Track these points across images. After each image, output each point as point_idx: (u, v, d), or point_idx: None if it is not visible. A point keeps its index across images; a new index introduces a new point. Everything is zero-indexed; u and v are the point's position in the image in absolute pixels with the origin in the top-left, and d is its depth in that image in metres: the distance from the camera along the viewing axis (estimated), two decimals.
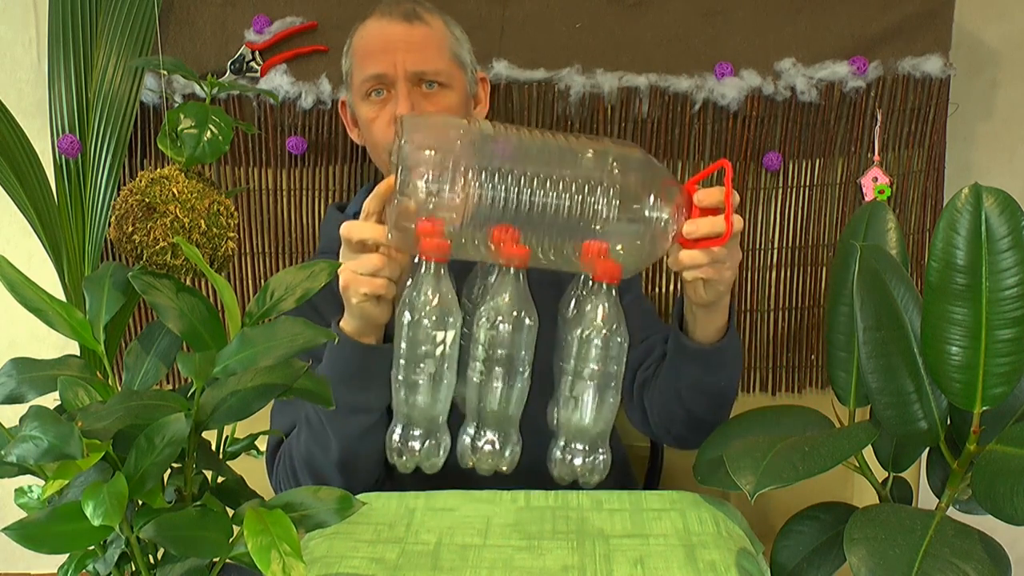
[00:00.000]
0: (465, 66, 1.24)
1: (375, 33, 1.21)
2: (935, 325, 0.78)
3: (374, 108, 1.20)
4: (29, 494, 0.76)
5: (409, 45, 1.19)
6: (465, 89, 1.24)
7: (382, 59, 1.18)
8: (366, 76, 1.20)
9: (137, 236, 0.83)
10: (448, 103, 1.21)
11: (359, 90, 1.21)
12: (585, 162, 0.85)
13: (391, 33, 1.20)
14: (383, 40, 1.20)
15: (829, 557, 0.89)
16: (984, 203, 0.76)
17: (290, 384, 0.70)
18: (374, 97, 1.20)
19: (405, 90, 1.18)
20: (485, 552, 0.82)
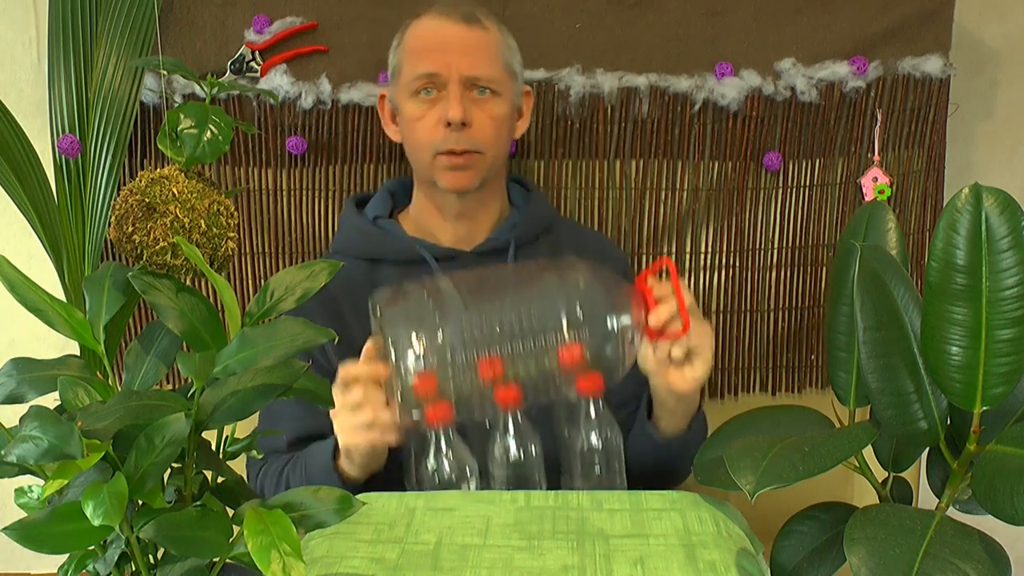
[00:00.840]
0: (516, 77, 1.23)
1: (431, 31, 1.19)
2: (935, 325, 0.78)
3: (422, 107, 1.18)
4: (29, 494, 0.76)
5: (465, 48, 1.17)
6: (513, 100, 1.23)
7: (437, 58, 1.17)
8: (418, 74, 1.18)
9: (137, 236, 0.84)
10: (498, 111, 1.20)
11: (408, 87, 1.19)
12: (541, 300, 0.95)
13: (448, 33, 1.18)
14: (439, 39, 1.18)
15: (829, 557, 0.89)
16: (984, 203, 0.76)
17: (290, 384, 0.70)
18: (423, 96, 1.18)
19: (458, 92, 1.16)
20: (485, 552, 0.82)
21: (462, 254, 1.24)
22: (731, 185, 1.45)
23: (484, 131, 1.18)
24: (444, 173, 1.19)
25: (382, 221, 1.27)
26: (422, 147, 1.20)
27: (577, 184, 1.45)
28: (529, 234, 1.27)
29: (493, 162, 1.22)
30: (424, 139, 1.19)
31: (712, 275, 1.48)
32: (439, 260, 1.22)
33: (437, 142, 1.18)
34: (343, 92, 1.38)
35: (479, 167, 1.20)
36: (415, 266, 1.22)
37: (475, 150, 1.18)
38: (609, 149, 1.44)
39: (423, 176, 1.24)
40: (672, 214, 1.46)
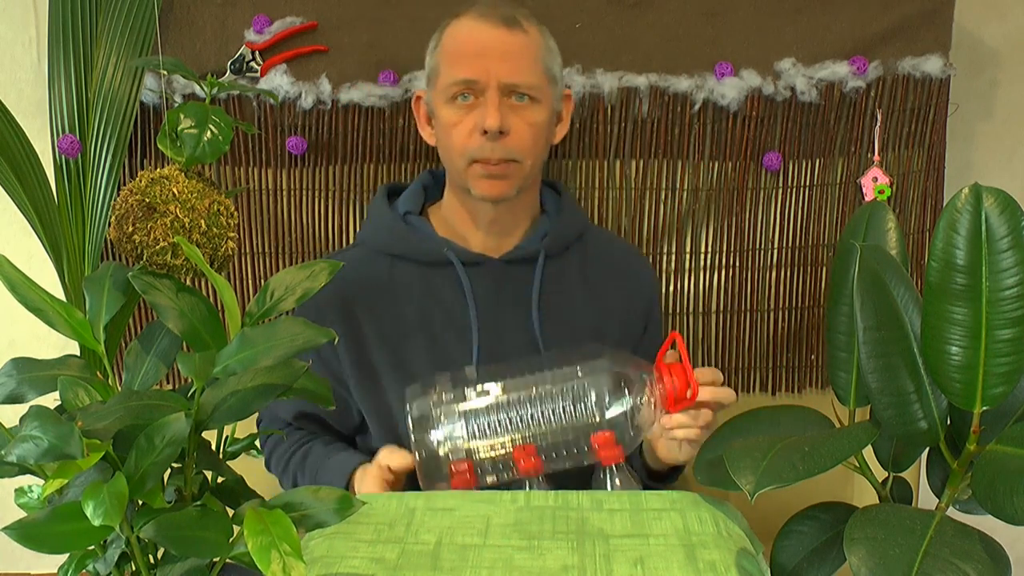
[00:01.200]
0: (556, 82, 1.20)
1: (470, 35, 1.15)
2: (935, 325, 0.78)
3: (458, 112, 1.15)
4: (29, 494, 0.76)
5: (505, 54, 1.13)
6: (552, 105, 1.19)
7: (475, 64, 1.13)
8: (455, 80, 1.13)
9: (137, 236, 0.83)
10: (536, 118, 1.15)
11: (444, 92, 1.15)
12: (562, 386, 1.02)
13: (488, 38, 1.14)
14: (478, 44, 1.14)
15: (829, 557, 0.89)
16: (984, 203, 0.76)
17: (290, 384, 0.70)
18: (459, 101, 1.14)
19: (496, 100, 1.12)
20: (485, 552, 0.82)
21: (489, 260, 1.21)
22: (731, 185, 1.45)
23: (522, 139, 1.14)
24: (479, 181, 1.16)
25: (412, 218, 1.24)
26: (457, 153, 1.16)
27: (577, 184, 1.45)
28: (559, 244, 1.24)
29: (531, 170, 1.18)
30: (459, 146, 1.15)
31: (712, 275, 1.48)
32: (466, 265, 1.20)
33: (473, 149, 1.14)
34: (343, 92, 1.38)
35: (516, 176, 1.16)
36: (439, 268, 1.20)
37: (512, 159, 1.14)
38: (609, 149, 1.44)
39: (456, 182, 1.20)
40: (672, 214, 1.46)
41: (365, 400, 1.19)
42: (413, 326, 1.19)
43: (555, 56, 1.20)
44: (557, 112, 1.22)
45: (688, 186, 1.45)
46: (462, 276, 1.19)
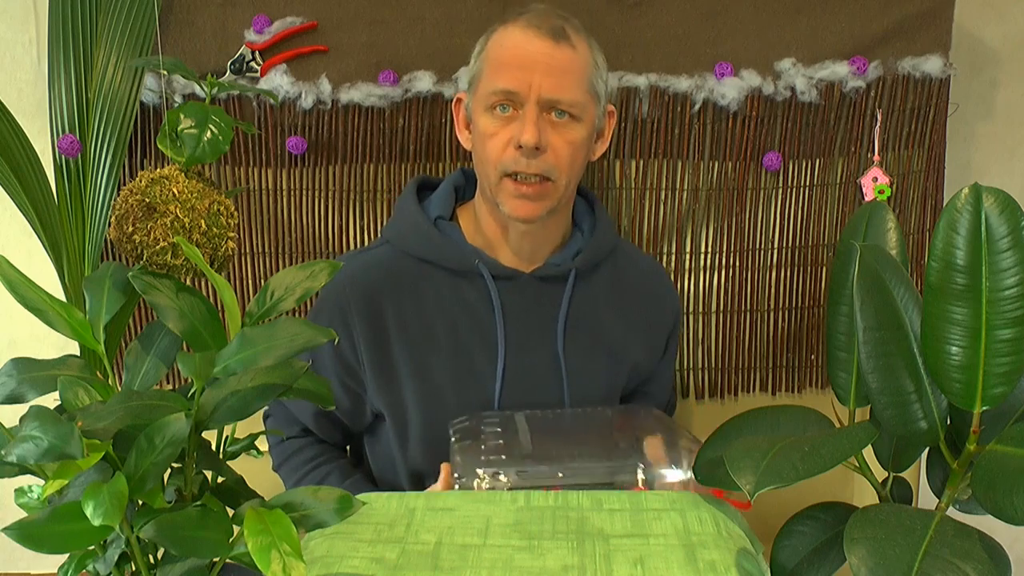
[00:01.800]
0: (599, 99, 1.16)
1: (516, 45, 1.11)
2: (935, 325, 0.78)
3: (496, 123, 1.12)
4: (29, 494, 0.76)
5: (550, 68, 1.10)
6: (594, 123, 1.16)
7: (518, 76, 1.09)
8: (496, 89, 1.11)
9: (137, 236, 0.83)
10: (574, 136, 1.13)
11: (484, 100, 1.12)
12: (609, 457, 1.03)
13: (534, 50, 1.10)
14: (523, 55, 1.10)
15: (829, 557, 0.89)
16: (984, 203, 0.76)
17: (290, 384, 0.70)
18: (498, 112, 1.11)
19: (534, 115, 1.09)
20: (485, 552, 0.82)
21: (520, 275, 1.19)
22: (731, 185, 1.45)
23: (558, 156, 1.12)
24: (510, 199, 1.13)
25: (443, 224, 1.21)
26: (490, 165, 1.13)
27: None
28: (591, 263, 1.22)
29: (565, 190, 1.15)
30: (494, 157, 1.12)
31: (712, 275, 1.48)
32: (496, 278, 1.18)
33: (507, 162, 1.11)
34: (343, 92, 1.38)
35: (550, 196, 1.14)
36: (469, 278, 1.19)
37: (546, 176, 1.12)
38: (609, 149, 1.44)
39: (487, 194, 1.17)
40: (672, 214, 1.46)
41: (381, 398, 1.18)
42: (439, 333, 1.18)
43: (602, 71, 1.17)
44: (599, 129, 1.19)
45: (688, 186, 1.45)
46: (492, 290, 1.17)
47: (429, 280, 1.18)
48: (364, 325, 1.17)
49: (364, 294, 1.17)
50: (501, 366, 1.17)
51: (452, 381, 1.17)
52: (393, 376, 1.18)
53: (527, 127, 1.09)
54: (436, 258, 1.18)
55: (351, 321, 1.17)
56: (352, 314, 1.17)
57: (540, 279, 1.20)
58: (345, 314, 1.17)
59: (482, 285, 1.18)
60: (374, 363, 1.17)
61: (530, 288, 1.19)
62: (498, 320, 1.17)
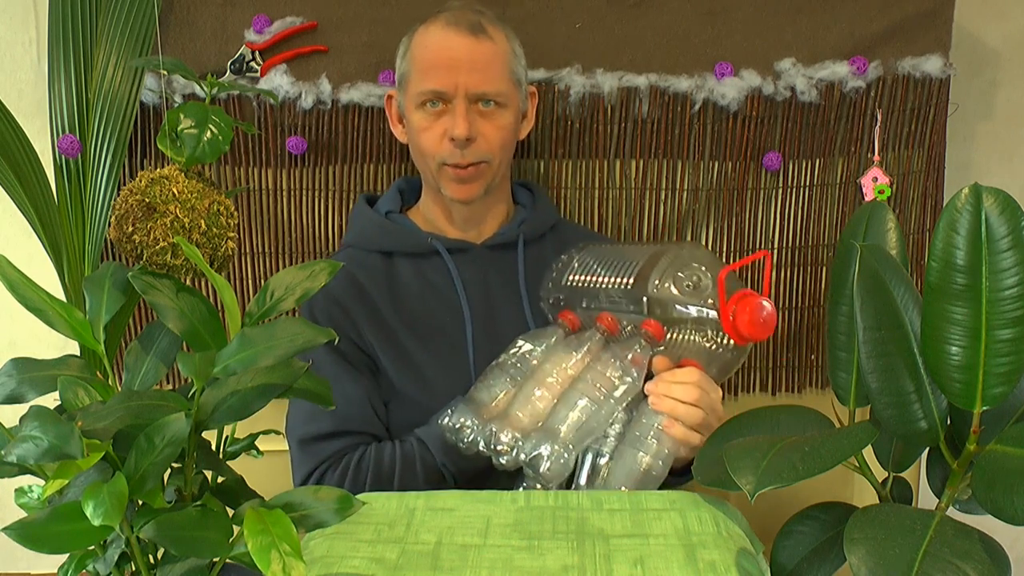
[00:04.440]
0: (521, 84, 1.26)
1: (439, 45, 1.20)
2: (935, 325, 0.78)
3: (427, 119, 1.21)
4: (29, 494, 0.76)
5: (472, 64, 1.18)
6: (518, 107, 1.25)
7: (444, 76, 1.18)
8: (424, 89, 1.20)
9: (137, 236, 0.83)
10: (503, 122, 1.22)
11: (415, 98, 1.22)
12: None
13: (456, 48, 1.19)
14: (447, 55, 1.19)
15: (829, 557, 0.89)
16: (984, 203, 0.76)
17: (290, 384, 0.70)
18: (429, 107, 1.21)
19: (463, 109, 1.18)
20: (485, 552, 0.82)
21: (472, 246, 1.27)
22: (731, 185, 1.45)
23: (490, 142, 1.22)
24: (450, 184, 1.23)
25: (394, 216, 1.30)
26: (428, 157, 1.22)
27: (577, 184, 1.45)
28: (536, 231, 1.30)
29: (499, 168, 1.25)
30: (430, 150, 1.22)
31: None
32: (451, 252, 1.26)
33: (444, 154, 1.21)
34: (343, 92, 1.38)
35: (485, 176, 1.23)
36: (429, 258, 1.26)
37: (480, 161, 1.21)
38: (609, 149, 1.44)
39: (429, 182, 1.28)
40: (672, 214, 1.46)
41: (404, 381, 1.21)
42: (411, 316, 1.23)
43: (520, 59, 1.26)
44: (523, 111, 1.29)
45: (688, 186, 1.45)
46: (449, 263, 1.25)
47: (393, 269, 1.26)
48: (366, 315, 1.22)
49: (334, 299, 1.21)
50: (470, 334, 1.23)
51: (432, 358, 1.22)
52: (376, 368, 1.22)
53: (458, 122, 1.18)
54: (396, 245, 1.26)
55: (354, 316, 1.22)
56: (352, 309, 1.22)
57: (491, 248, 1.28)
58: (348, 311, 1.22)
59: (440, 263, 1.26)
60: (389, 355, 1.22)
61: (483, 257, 1.27)
62: (460, 291, 1.24)
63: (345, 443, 1.16)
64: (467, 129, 1.18)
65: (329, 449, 1.16)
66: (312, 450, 1.16)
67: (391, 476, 1.14)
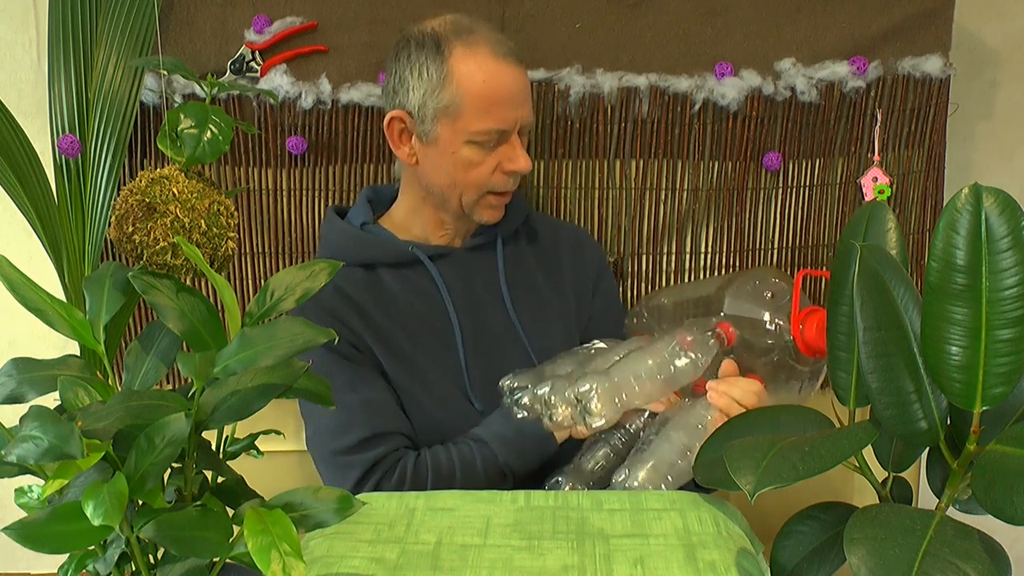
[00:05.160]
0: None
1: (498, 81, 1.17)
2: (935, 325, 0.78)
3: (481, 153, 1.19)
4: (29, 494, 0.76)
5: (524, 97, 1.20)
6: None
7: (507, 114, 1.18)
8: (488, 129, 1.17)
9: (137, 236, 0.83)
10: (526, 144, 1.24)
11: (468, 135, 1.17)
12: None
13: (512, 83, 1.18)
14: (507, 93, 1.18)
15: (829, 557, 0.89)
16: (984, 203, 0.76)
17: (290, 384, 0.70)
18: (485, 144, 1.19)
19: (521, 143, 1.20)
20: (485, 552, 0.82)
21: (453, 250, 1.28)
22: (731, 185, 1.45)
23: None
24: (487, 210, 1.24)
25: (370, 227, 1.29)
26: (472, 188, 1.21)
27: (577, 184, 1.45)
28: (510, 229, 1.31)
29: None
30: (479, 182, 1.21)
31: (712, 275, 1.48)
32: (433, 259, 1.26)
33: (496, 184, 1.21)
34: (343, 92, 1.38)
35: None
36: (411, 266, 1.25)
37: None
38: (609, 149, 1.44)
39: (451, 207, 1.24)
40: (672, 214, 1.46)
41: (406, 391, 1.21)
42: (401, 325, 1.23)
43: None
44: None
45: (688, 186, 1.45)
46: (432, 269, 1.25)
47: (376, 280, 1.24)
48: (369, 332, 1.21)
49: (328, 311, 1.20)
50: (459, 335, 1.23)
51: (427, 357, 1.22)
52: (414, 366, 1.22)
53: (521, 156, 1.20)
54: (375, 257, 1.25)
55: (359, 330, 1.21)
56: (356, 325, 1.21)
57: (470, 250, 1.28)
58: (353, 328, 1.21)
59: (422, 269, 1.25)
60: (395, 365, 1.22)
61: (464, 260, 1.28)
62: (445, 295, 1.24)
63: (386, 447, 1.15)
64: (530, 162, 1.20)
65: (372, 455, 1.14)
66: (352, 461, 1.14)
67: (451, 478, 1.13)
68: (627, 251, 1.46)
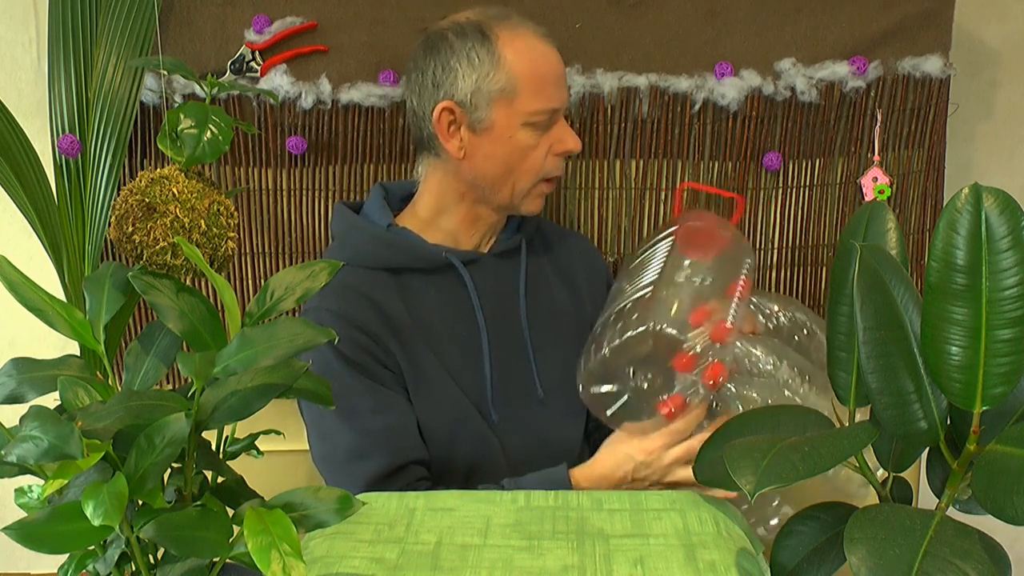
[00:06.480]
0: None
1: (547, 60, 1.18)
2: (935, 325, 0.78)
3: (536, 135, 1.18)
4: (29, 494, 0.76)
5: (564, 77, 1.22)
6: None
7: (559, 92, 1.19)
8: (544, 108, 1.17)
9: (137, 236, 0.83)
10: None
11: (525, 117, 1.16)
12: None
13: (557, 62, 1.19)
14: (556, 71, 1.19)
15: (829, 557, 0.89)
16: (984, 203, 0.76)
17: (290, 384, 0.70)
18: (540, 126, 1.18)
19: (567, 123, 1.21)
20: (485, 552, 0.82)
21: (481, 256, 1.26)
22: (731, 185, 1.45)
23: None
24: (536, 200, 1.23)
25: (395, 229, 1.24)
26: (529, 175, 1.20)
27: (577, 184, 1.45)
28: (531, 232, 1.30)
29: None
30: (536, 168, 1.19)
31: None
32: (464, 264, 1.23)
33: (550, 169, 1.21)
34: (343, 92, 1.38)
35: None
36: (442, 272, 1.22)
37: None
38: (609, 149, 1.44)
39: (498, 201, 1.22)
40: (672, 214, 1.46)
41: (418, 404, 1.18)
42: (431, 331, 1.20)
43: None
44: None
45: None
46: (465, 275, 1.22)
47: (404, 285, 1.20)
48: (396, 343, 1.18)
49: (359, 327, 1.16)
50: (487, 344, 1.21)
51: (452, 373, 1.20)
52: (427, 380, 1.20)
53: (571, 135, 1.20)
54: (405, 261, 1.21)
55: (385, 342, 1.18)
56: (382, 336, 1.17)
57: (497, 256, 1.27)
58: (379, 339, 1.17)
59: (453, 275, 1.22)
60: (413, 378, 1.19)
61: (491, 266, 1.26)
62: (475, 303, 1.22)
63: (408, 478, 1.14)
64: (580, 142, 1.20)
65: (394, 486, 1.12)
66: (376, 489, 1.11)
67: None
68: (627, 251, 1.46)
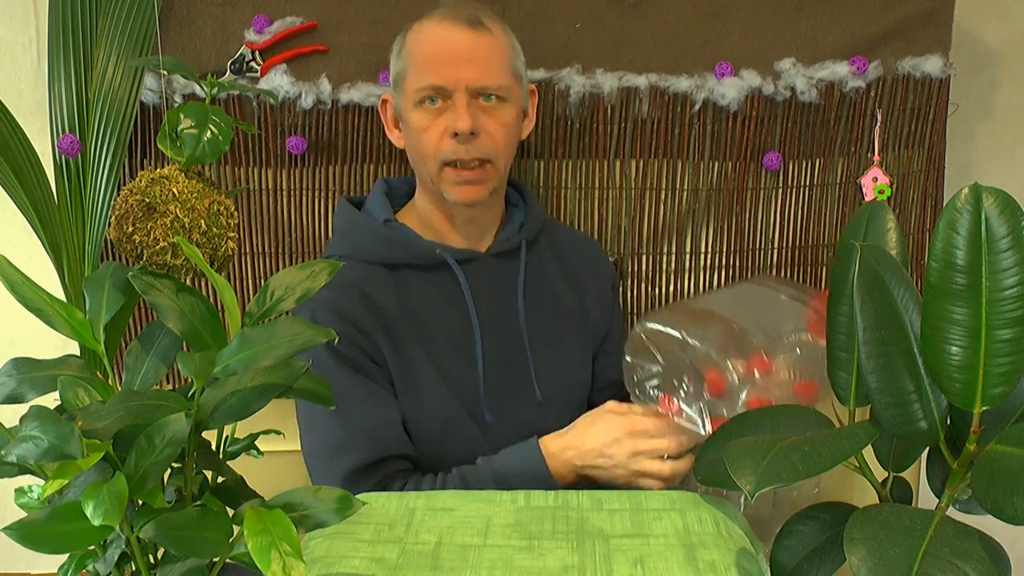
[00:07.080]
0: (522, 79, 1.22)
1: (438, 39, 1.16)
2: (935, 325, 0.78)
3: (427, 117, 1.16)
4: (29, 494, 0.76)
5: (471, 57, 1.15)
6: (520, 103, 1.22)
7: (444, 70, 1.14)
8: (424, 85, 1.15)
9: (137, 236, 0.83)
10: (506, 118, 1.18)
11: (412, 96, 1.17)
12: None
13: (455, 42, 1.15)
14: (447, 49, 1.15)
15: (829, 557, 0.89)
16: (984, 203, 0.76)
17: (290, 384, 0.70)
18: (428, 105, 1.16)
19: (464, 102, 1.14)
20: (485, 552, 0.82)
21: (479, 255, 1.24)
22: (731, 185, 1.45)
23: (493, 139, 1.17)
24: (453, 187, 1.18)
25: (394, 224, 1.25)
26: (429, 158, 1.18)
27: (577, 184, 1.45)
28: (534, 233, 1.28)
29: (503, 170, 1.22)
30: (431, 150, 1.17)
31: (712, 275, 1.48)
32: (459, 262, 1.22)
33: (445, 153, 1.16)
34: (343, 92, 1.38)
35: (490, 178, 1.19)
36: (436, 270, 1.22)
37: (485, 158, 1.17)
38: (609, 149, 1.44)
39: (429, 186, 1.22)
40: (672, 214, 1.46)
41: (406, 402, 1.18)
42: (423, 329, 1.20)
43: (519, 54, 1.23)
44: (524, 109, 1.25)
45: (688, 186, 1.45)
46: (459, 274, 1.21)
47: (400, 281, 1.21)
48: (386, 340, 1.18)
49: (351, 320, 1.17)
50: (480, 346, 1.21)
51: (443, 371, 1.19)
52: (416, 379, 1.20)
53: (460, 115, 1.14)
54: (401, 257, 1.21)
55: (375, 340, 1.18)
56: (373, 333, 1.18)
57: (495, 256, 1.25)
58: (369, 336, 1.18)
59: (448, 273, 1.22)
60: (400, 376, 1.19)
61: (488, 266, 1.24)
62: (469, 302, 1.21)
63: (388, 470, 1.14)
64: (470, 122, 1.13)
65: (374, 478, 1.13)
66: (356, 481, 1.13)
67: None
68: (627, 251, 1.46)
